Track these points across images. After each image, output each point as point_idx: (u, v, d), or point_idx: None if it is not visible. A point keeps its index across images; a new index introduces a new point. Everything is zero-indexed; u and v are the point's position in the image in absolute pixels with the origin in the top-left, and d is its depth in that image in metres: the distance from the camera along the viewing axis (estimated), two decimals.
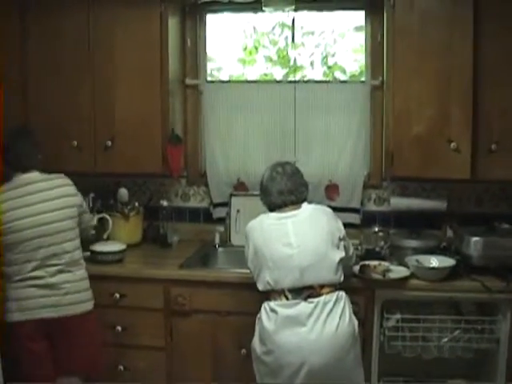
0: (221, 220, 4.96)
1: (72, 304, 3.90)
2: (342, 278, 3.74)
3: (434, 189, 4.72)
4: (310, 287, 3.64)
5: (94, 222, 4.43)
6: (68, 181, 4.05)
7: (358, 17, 4.85)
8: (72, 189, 4.05)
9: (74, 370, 4.01)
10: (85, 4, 4.53)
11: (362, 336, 4.00)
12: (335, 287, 3.69)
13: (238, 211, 4.83)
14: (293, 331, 3.60)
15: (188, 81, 4.94)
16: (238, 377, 4.15)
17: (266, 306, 3.73)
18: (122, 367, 4.40)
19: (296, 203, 3.81)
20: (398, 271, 4.13)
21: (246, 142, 4.91)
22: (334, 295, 3.65)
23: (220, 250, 4.85)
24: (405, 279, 4.06)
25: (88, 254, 4.44)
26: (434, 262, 4.18)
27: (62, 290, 3.88)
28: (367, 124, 4.76)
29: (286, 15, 4.78)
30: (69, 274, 3.91)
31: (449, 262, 4.11)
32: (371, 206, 4.85)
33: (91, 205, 4.73)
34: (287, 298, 3.65)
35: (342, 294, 3.70)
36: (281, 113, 4.81)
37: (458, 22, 4.13)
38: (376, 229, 4.59)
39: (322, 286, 3.64)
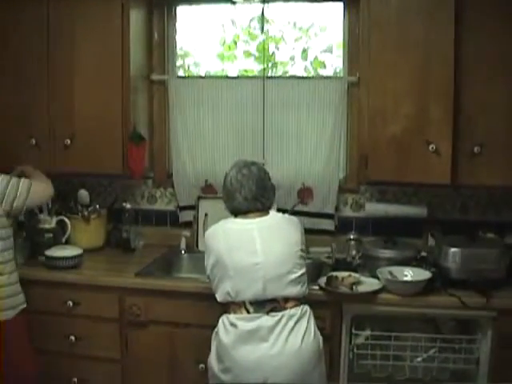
0: (188, 224, 4.43)
1: None
2: (307, 292, 3.25)
3: (416, 194, 4.17)
4: (274, 300, 3.16)
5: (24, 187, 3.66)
6: None
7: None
8: None
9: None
10: None
11: (329, 353, 3.48)
12: (300, 301, 3.21)
13: (205, 215, 4.29)
14: (253, 347, 3.12)
15: (154, 76, 4.40)
16: None
17: (224, 319, 3.24)
18: (75, 379, 3.91)
19: (262, 210, 3.31)
20: (368, 284, 3.60)
21: (214, 142, 4.37)
22: (299, 309, 3.18)
23: (185, 256, 4.32)
24: (375, 293, 3.51)
25: (43, 258, 3.96)
26: (409, 274, 3.61)
27: None
28: (343, 123, 4.20)
29: (263, 6, 4.21)
30: None
31: (424, 274, 3.55)
32: (348, 212, 4.30)
33: (50, 206, 4.18)
34: (248, 311, 3.16)
35: (307, 308, 3.22)
36: (251, 111, 4.27)
37: (438, 15, 3.61)
38: (351, 236, 4.02)
39: (286, 300, 3.17)
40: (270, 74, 4.48)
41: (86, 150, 4.10)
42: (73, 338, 3.88)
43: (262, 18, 4.19)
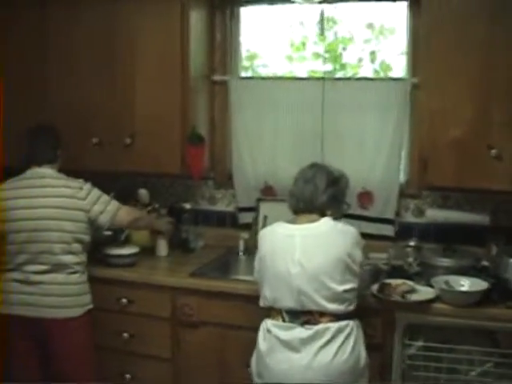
0: (249, 226, 4.29)
1: (53, 307, 3.47)
2: (349, 308, 3.04)
3: (480, 200, 3.89)
4: (309, 313, 3.00)
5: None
6: (80, 184, 3.59)
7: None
8: (81, 192, 3.56)
9: (60, 378, 3.54)
10: None
11: (380, 363, 3.32)
12: (339, 317, 3.00)
13: (265, 217, 4.15)
14: (285, 356, 3.02)
15: (215, 77, 4.31)
16: None
17: (264, 323, 3.15)
18: (128, 376, 3.87)
19: (306, 212, 3.12)
20: (423, 293, 3.38)
21: (274, 144, 4.22)
22: (336, 325, 2.99)
23: (242, 257, 4.20)
24: (428, 302, 3.30)
25: (100, 255, 3.94)
26: (466, 284, 3.38)
27: (43, 290, 3.47)
28: (405, 126, 3.99)
29: (322, 8, 4.00)
30: (55, 275, 3.49)
31: (481, 285, 3.32)
32: (409, 218, 4.06)
33: None
34: (284, 320, 3.04)
35: (349, 323, 3.04)
36: (312, 113, 4.08)
37: (502, 12, 3.34)
38: (411, 243, 3.79)
39: (321, 314, 2.99)
40: (337, 76, 4.29)
41: (145, 149, 4.04)
42: (126, 335, 3.84)
43: (322, 20, 4.02)
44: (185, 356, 3.78)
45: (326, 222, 3.11)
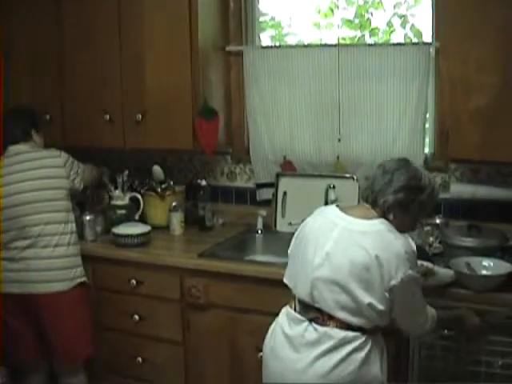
0: (268, 202, 3.97)
1: (40, 282, 3.31)
2: (366, 324, 2.52)
3: None
4: (318, 310, 2.56)
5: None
6: (55, 153, 3.48)
7: None
8: (57, 160, 3.47)
9: (55, 354, 3.42)
10: None
11: (395, 351, 2.95)
12: (349, 326, 2.52)
13: (284, 193, 3.83)
14: (283, 353, 2.62)
15: (230, 47, 3.96)
16: (257, 381, 3.10)
17: (283, 310, 2.76)
18: (140, 359, 3.65)
19: (369, 203, 2.60)
20: (442, 275, 2.97)
21: (292, 117, 3.86)
22: (341, 334, 2.51)
23: (259, 236, 3.85)
24: (446, 287, 2.92)
25: (111, 236, 3.73)
26: (489, 266, 2.98)
27: (29, 265, 3.31)
28: (429, 95, 3.57)
29: None
30: (39, 249, 3.32)
31: (504, 267, 2.92)
32: None
33: (123, 182, 3.92)
34: (295, 309, 2.66)
35: (361, 336, 2.53)
36: (329, 83, 3.71)
37: None
38: (437, 220, 3.41)
39: (330, 317, 2.53)
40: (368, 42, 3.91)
41: (156, 125, 3.78)
42: (137, 316, 3.63)
43: None
44: (195, 339, 3.53)
45: (380, 226, 2.56)
